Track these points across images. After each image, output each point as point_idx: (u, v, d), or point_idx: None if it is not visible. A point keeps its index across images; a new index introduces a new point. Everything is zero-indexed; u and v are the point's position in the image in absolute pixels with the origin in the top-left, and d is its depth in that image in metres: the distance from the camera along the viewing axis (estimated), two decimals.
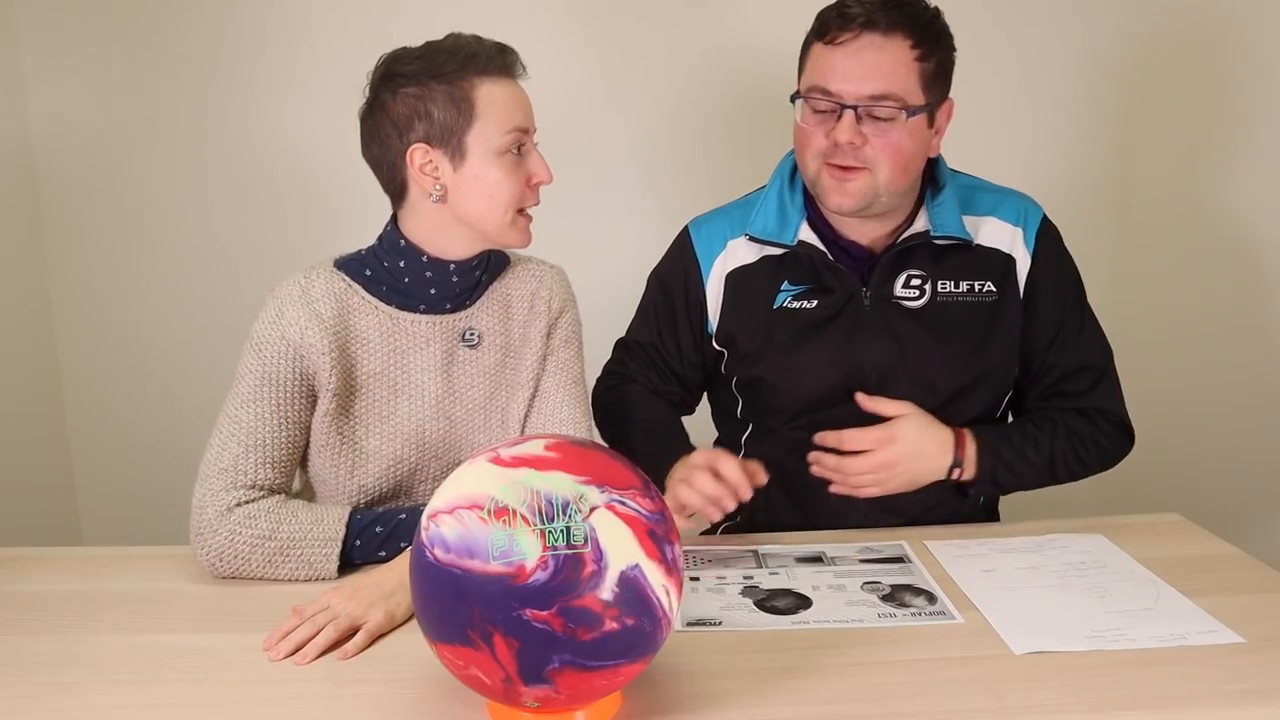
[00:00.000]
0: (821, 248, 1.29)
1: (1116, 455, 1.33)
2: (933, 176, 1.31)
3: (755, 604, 1.04)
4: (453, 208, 1.16)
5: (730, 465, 1.14)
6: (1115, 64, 2.03)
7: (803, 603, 1.04)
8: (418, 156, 1.14)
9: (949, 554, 1.16)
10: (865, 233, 1.30)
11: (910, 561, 1.15)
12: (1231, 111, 1.96)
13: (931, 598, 1.05)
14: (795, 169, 1.32)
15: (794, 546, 1.20)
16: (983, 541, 1.20)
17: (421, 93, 1.12)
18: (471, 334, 1.23)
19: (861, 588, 1.07)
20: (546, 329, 1.27)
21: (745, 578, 1.10)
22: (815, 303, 1.30)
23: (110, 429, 2.10)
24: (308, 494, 1.25)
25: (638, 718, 0.84)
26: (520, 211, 1.18)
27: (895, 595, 1.06)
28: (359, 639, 0.95)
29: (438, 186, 1.15)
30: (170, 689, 0.89)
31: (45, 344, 2.05)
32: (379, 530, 1.12)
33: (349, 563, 1.12)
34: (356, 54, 1.22)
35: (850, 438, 1.24)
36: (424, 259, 1.19)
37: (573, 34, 2.00)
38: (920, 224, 1.28)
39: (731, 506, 1.16)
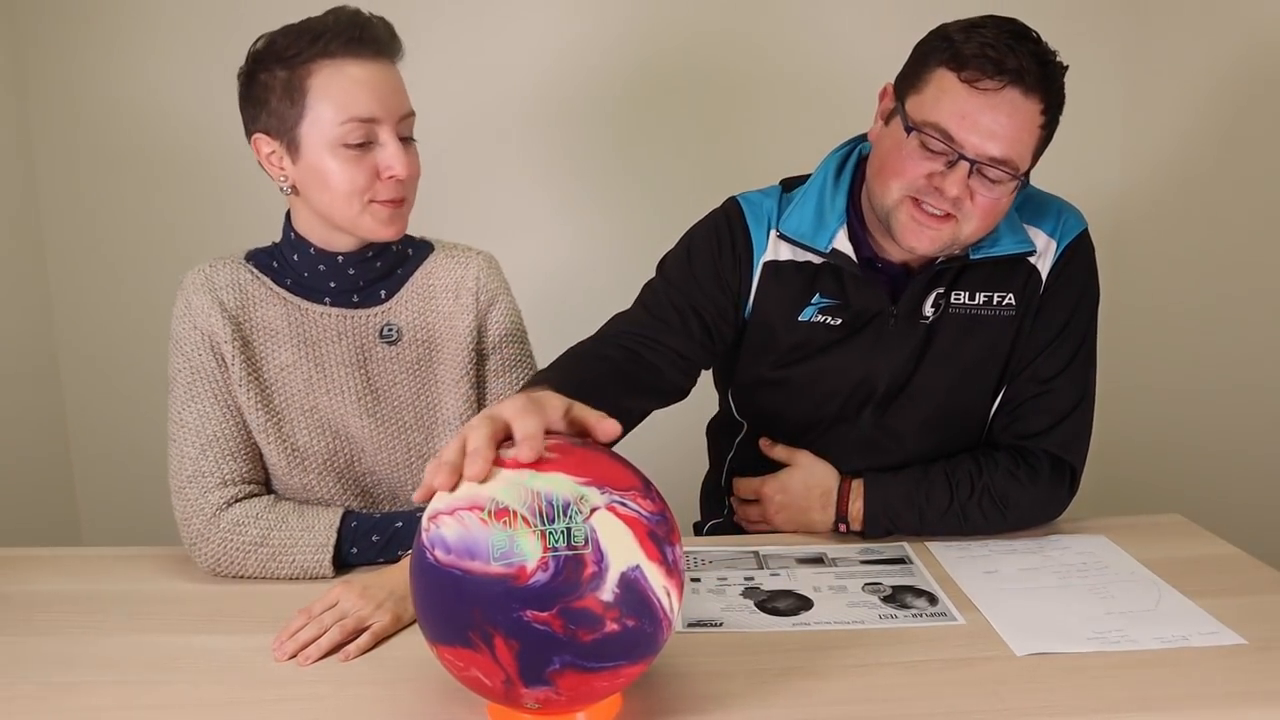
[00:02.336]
0: (855, 261, 1.21)
1: (1042, 507, 1.23)
2: None
3: (756, 605, 1.04)
4: (305, 200, 1.13)
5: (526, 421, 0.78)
6: (1114, 66, 2.03)
7: (804, 604, 1.04)
8: (262, 146, 1.11)
9: (950, 555, 1.16)
10: (904, 255, 1.22)
11: (912, 563, 1.14)
12: (1238, 111, 1.95)
13: (933, 599, 1.05)
14: (841, 167, 1.25)
15: (795, 548, 1.20)
16: (984, 542, 1.20)
17: (266, 80, 1.09)
18: (389, 330, 1.19)
19: (863, 589, 1.07)
20: (475, 322, 1.21)
21: (746, 579, 1.10)
22: (839, 320, 1.24)
23: (110, 429, 2.10)
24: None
25: (638, 719, 0.84)
26: (373, 200, 1.11)
27: (896, 596, 1.05)
28: (363, 640, 0.95)
29: (284, 177, 1.12)
30: (170, 690, 0.89)
31: (45, 344, 2.05)
32: (375, 539, 1.12)
33: (347, 565, 1.12)
34: None
35: (741, 486, 1.31)
36: (312, 251, 1.16)
37: (553, 22, 2.00)
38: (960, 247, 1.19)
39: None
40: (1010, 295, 1.22)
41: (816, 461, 1.25)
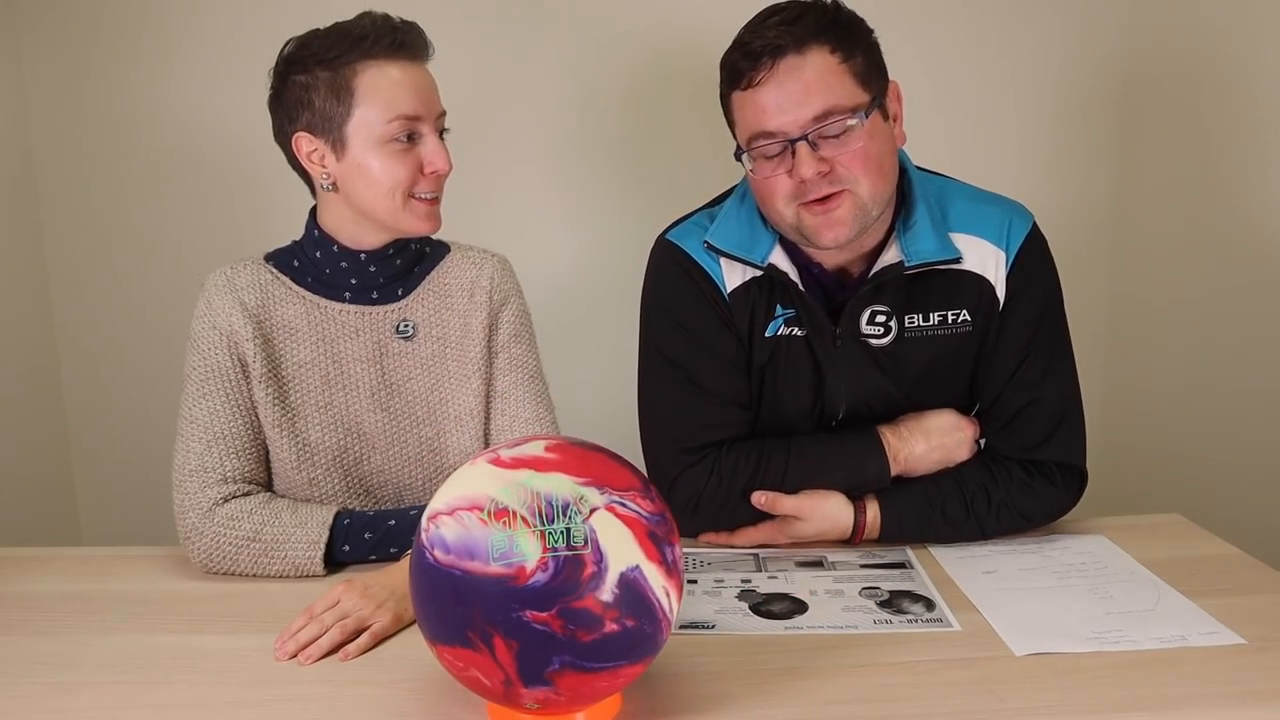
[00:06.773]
0: (794, 277, 1.18)
1: (1059, 511, 1.23)
2: (903, 194, 1.20)
3: (750, 608, 1.04)
4: (346, 197, 1.16)
5: None
6: (1110, 69, 2.03)
7: (798, 608, 1.04)
8: (304, 145, 1.14)
9: (950, 555, 1.16)
10: (838, 260, 1.20)
11: (912, 567, 1.14)
12: (1235, 112, 1.96)
13: (930, 604, 1.04)
14: None
15: (795, 550, 1.19)
16: (984, 542, 1.20)
17: (308, 80, 1.12)
18: (405, 326, 1.21)
19: (860, 593, 1.07)
20: (488, 321, 1.24)
21: (743, 581, 1.10)
22: (805, 331, 1.21)
23: (110, 429, 2.10)
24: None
25: (638, 719, 0.84)
26: (413, 196, 1.15)
27: (893, 602, 1.05)
28: (363, 640, 0.95)
29: (325, 175, 1.15)
30: (170, 689, 0.89)
31: (45, 344, 2.05)
32: (368, 537, 1.12)
33: (340, 564, 1.12)
34: None
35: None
36: (336, 249, 1.19)
37: (570, 27, 2.00)
38: (893, 254, 1.17)
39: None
40: (964, 312, 1.20)
41: (822, 504, 1.19)
